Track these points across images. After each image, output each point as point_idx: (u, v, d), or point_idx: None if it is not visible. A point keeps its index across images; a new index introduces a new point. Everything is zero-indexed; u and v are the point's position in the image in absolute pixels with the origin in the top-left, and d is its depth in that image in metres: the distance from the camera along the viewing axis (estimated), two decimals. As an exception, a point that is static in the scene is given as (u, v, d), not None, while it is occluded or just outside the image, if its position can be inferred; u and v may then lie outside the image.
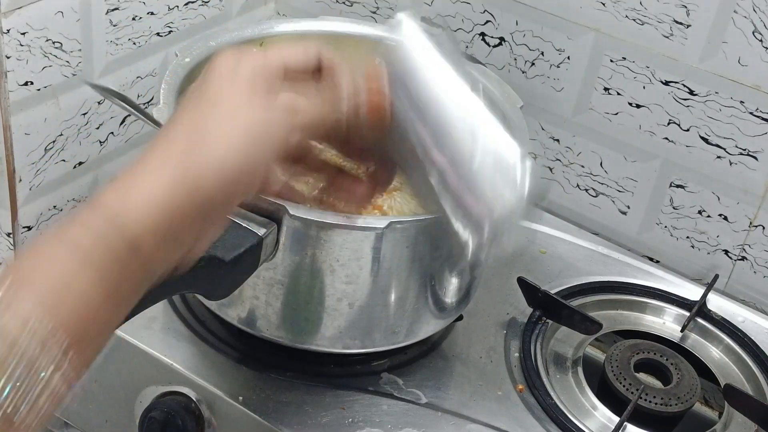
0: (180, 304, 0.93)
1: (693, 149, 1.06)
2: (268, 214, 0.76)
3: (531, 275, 1.00)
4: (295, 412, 0.84)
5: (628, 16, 1.04)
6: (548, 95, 1.12)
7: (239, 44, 0.95)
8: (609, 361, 0.95)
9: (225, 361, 0.88)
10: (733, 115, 1.02)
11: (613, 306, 1.03)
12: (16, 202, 0.99)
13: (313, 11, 1.23)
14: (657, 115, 1.07)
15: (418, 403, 0.87)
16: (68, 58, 0.98)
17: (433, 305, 0.86)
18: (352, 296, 0.81)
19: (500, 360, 0.93)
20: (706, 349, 1.01)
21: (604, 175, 1.13)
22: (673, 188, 1.09)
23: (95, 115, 1.04)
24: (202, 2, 1.12)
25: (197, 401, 0.85)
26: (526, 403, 0.89)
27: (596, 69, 1.08)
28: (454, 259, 0.84)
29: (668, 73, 1.04)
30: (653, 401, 0.91)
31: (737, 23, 0.98)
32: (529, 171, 0.64)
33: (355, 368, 0.90)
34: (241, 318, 0.84)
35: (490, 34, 1.13)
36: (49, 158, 1.01)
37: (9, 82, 0.92)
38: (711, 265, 1.11)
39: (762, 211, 1.05)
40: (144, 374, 0.88)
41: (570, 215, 1.17)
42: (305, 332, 0.84)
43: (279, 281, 0.80)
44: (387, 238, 0.79)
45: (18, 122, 0.95)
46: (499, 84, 0.96)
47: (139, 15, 1.04)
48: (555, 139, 1.15)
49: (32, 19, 0.92)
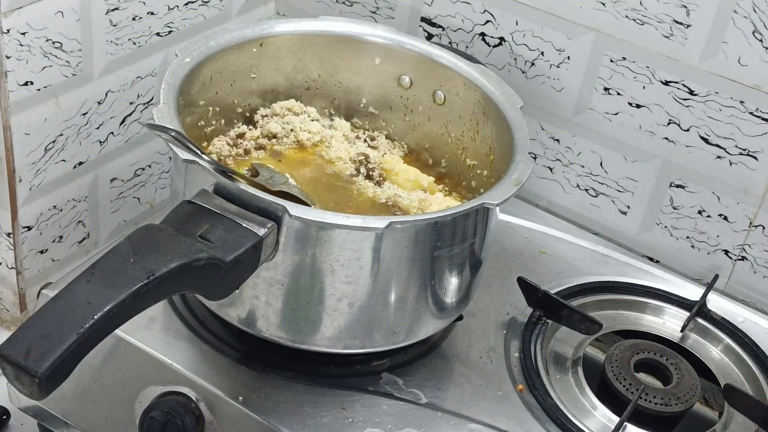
0: (180, 304, 0.93)
1: (693, 149, 1.06)
2: (268, 214, 0.76)
3: (531, 275, 1.00)
4: (295, 412, 0.84)
5: (628, 16, 1.04)
6: (548, 95, 1.12)
7: (239, 44, 0.95)
8: (609, 361, 0.95)
9: (225, 361, 0.88)
10: (733, 115, 1.02)
11: (613, 306, 1.03)
12: (16, 202, 1.00)
13: (313, 11, 1.23)
14: (657, 115, 1.07)
15: (418, 403, 0.87)
16: (68, 58, 0.98)
17: (433, 305, 0.86)
18: (352, 296, 0.81)
19: (500, 360, 0.93)
20: (706, 349, 1.01)
21: (604, 175, 1.13)
22: (673, 188, 1.09)
23: (95, 115, 1.04)
24: (202, 2, 1.12)
25: (197, 401, 0.85)
26: (526, 403, 0.89)
27: (596, 69, 1.08)
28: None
29: (668, 73, 1.04)
30: (653, 401, 0.91)
31: (737, 23, 0.98)
32: None
33: (355, 368, 0.90)
34: (241, 318, 0.84)
35: (490, 34, 1.13)
36: (49, 158, 1.01)
37: (9, 82, 0.92)
38: (711, 265, 1.11)
39: (762, 211, 1.05)
40: (144, 374, 0.88)
41: (570, 215, 1.17)
42: (305, 332, 0.84)
43: (279, 281, 0.80)
44: (387, 238, 0.79)
45: (18, 122, 0.95)
46: (499, 84, 0.96)
47: (139, 15, 1.04)
48: (555, 139, 1.15)
49: (32, 19, 0.92)
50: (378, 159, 0.98)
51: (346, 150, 0.98)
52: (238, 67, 0.97)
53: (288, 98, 1.02)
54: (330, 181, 0.94)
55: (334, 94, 1.04)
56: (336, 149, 0.98)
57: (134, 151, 1.12)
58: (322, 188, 0.93)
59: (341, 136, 1.00)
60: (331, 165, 0.96)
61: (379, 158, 0.99)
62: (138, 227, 0.72)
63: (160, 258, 0.69)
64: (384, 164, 0.98)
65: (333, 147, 0.98)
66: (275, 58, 0.99)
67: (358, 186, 0.95)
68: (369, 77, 1.03)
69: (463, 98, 0.99)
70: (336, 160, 0.97)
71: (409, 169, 0.98)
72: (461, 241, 0.83)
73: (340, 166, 0.96)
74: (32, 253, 1.05)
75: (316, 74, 1.03)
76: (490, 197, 0.81)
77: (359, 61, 1.02)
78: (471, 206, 0.81)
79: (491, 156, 0.96)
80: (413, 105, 1.03)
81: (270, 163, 0.93)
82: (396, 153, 1.03)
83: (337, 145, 0.99)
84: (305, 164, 0.96)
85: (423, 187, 0.96)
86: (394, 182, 0.96)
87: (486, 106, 0.96)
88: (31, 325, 0.65)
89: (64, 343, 0.63)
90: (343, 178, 0.95)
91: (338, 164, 0.96)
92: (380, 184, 0.95)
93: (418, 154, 1.04)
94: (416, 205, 0.92)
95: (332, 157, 0.97)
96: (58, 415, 0.93)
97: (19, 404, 0.96)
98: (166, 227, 0.72)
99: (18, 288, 1.05)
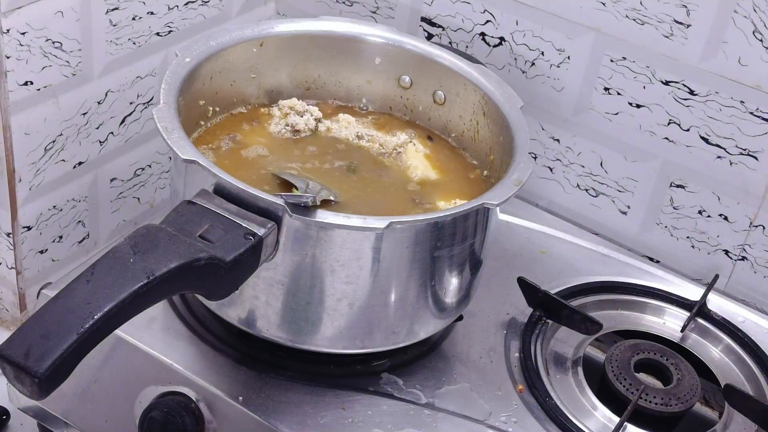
0: (180, 304, 0.93)
1: (693, 149, 1.06)
2: (268, 214, 0.76)
3: (531, 275, 1.00)
4: (295, 412, 0.84)
5: (628, 16, 1.04)
6: (548, 95, 1.12)
7: (239, 44, 0.95)
8: (609, 361, 0.95)
9: (225, 361, 0.88)
10: (733, 115, 1.02)
11: (613, 306, 1.03)
12: (16, 202, 1.00)
13: (313, 11, 1.23)
14: (657, 115, 1.07)
15: (418, 403, 0.87)
16: (68, 58, 0.98)
17: (433, 305, 0.86)
18: (352, 296, 0.81)
19: (500, 360, 0.93)
20: (707, 349, 1.01)
21: (604, 175, 1.13)
22: (673, 188, 1.09)
23: (95, 115, 1.04)
24: (202, 2, 1.12)
25: (197, 401, 0.85)
26: (526, 403, 0.89)
27: (596, 69, 1.08)
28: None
29: (668, 73, 1.04)
30: (653, 401, 0.91)
31: (737, 23, 0.98)
32: None
33: (355, 368, 0.90)
34: (241, 318, 0.84)
35: (490, 34, 1.13)
36: (49, 158, 1.01)
37: (9, 82, 0.92)
38: (711, 265, 1.11)
39: (762, 211, 1.05)
40: (144, 374, 0.88)
41: (570, 215, 1.17)
42: (305, 332, 0.84)
43: (279, 281, 0.80)
44: (387, 238, 0.79)
45: (18, 122, 0.95)
46: (499, 84, 0.96)
47: (139, 15, 1.04)
48: (555, 139, 1.15)
49: (32, 19, 0.92)
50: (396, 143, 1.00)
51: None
52: (238, 67, 0.97)
53: (289, 98, 1.01)
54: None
55: (334, 94, 1.04)
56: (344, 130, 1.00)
57: (134, 151, 1.12)
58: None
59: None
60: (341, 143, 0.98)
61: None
62: (138, 227, 0.72)
63: (160, 258, 0.69)
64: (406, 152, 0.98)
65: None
66: (275, 58, 0.99)
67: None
68: (369, 77, 1.03)
69: (463, 98, 0.99)
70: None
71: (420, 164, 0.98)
72: (461, 241, 0.83)
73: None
74: (32, 253, 1.05)
75: (316, 74, 1.03)
76: (490, 197, 0.81)
77: (359, 61, 1.02)
78: (471, 206, 0.81)
79: (491, 156, 0.96)
80: (413, 105, 1.03)
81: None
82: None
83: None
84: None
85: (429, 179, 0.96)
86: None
87: (486, 106, 0.96)
88: (31, 325, 0.65)
89: (64, 343, 0.63)
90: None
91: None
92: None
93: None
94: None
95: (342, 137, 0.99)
96: (58, 415, 0.93)
97: (19, 404, 0.96)
98: (166, 227, 0.72)
99: (18, 288, 1.05)
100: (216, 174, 0.77)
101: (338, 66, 1.03)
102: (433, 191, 0.94)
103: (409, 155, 0.98)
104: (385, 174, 0.95)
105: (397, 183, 0.94)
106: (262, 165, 0.92)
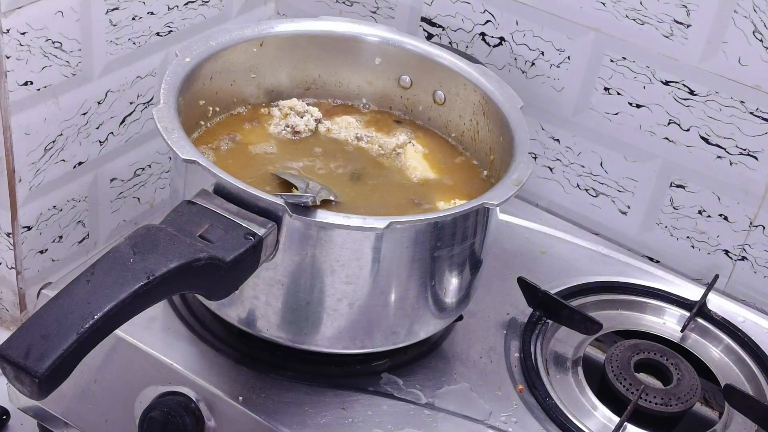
0: (180, 304, 0.93)
1: (693, 149, 1.06)
2: (268, 214, 0.76)
3: (531, 275, 1.00)
4: (295, 412, 0.84)
5: (628, 16, 1.04)
6: (548, 95, 1.12)
7: (239, 44, 0.95)
8: (609, 361, 0.95)
9: (225, 361, 0.88)
10: (733, 115, 1.02)
11: (613, 306, 1.03)
12: (16, 202, 0.99)
13: (313, 11, 1.23)
14: (657, 115, 1.07)
15: (418, 403, 0.87)
16: (68, 58, 0.98)
17: (433, 305, 0.86)
18: (352, 296, 0.81)
19: (500, 360, 0.93)
20: (707, 349, 1.01)
21: (604, 175, 1.13)
22: (673, 188, 1.09)
23: (95, 115, 1.04)
24: (202, 2, 1.12)
25: (197, 401, 0.85)
26: (526, 403, 0.89)
27: (596, 69, 1.08)
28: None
29: (668, 73, 1.04)
30: (653, 401, 0.91)
31: (737, 23, 0.98)
32: None
33: (355, 368, 0.90)
34: (241, 318, 0.84)
35: (490, 34, 1.13)
36: (49, 158, 1.01)
37: (9, 82, 0.92)
38: (711, 265, 1.11)
39: (762, 211, 1.05)
40: (144, 374, 0.87)
41: (570, 215, 1.17)
42: (305, 332, 0.84)
43: (279, 281, 0.80)
44: (387, 238, 0.79)
45: (18, 122, 0.95)
46: (499, 84, 0.96)
47: (139, 15, 1.04)
48: (555, 139, 1.15)
49: (32, 19, 0.92)
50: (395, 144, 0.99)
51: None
52: (238, 67, 0.97)
53: (289, 98, 1.02)
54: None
55: (334, 94, 1.04)
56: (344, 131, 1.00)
57: (134, 151, 1.12)
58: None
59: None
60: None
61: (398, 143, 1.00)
62: (138, 227, 0.72)
63: (160, 258, 0.69)
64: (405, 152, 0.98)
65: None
66: (275, 58, 0.99)
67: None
68: (369, 77, 1.03)
69: (463, 98, 0.99)
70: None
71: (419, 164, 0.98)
72: (461, 242, 0.83)
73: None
74: (32, 253, 1.05)
75: (316, 74, 1.03)
76: (490, 197, 0.81)
77: (359, 61, 1.02)
78: (471, 206, 0.81)
79: (491, 156, 0.96)
80: (413, 105, 1.03)
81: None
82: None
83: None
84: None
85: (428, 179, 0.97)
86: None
87: (486, 106, 0.96)
88: (31, 325, 0.65)
89: (64, 343, 0.63)
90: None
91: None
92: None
93: (418, 154, 1.04)
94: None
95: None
96: (58, 415, 0.93)
97: (19, 404, 0.96)
98: (166, 227, 0.72)
99: (18, 288, 1.05)
100: (216, 174, 0.77)
101: (338, 66, 1.03)
102: (433, 191, 0.94)
103: (409, 156, 0.98)
104: (384, 175, 0.95)
105: (397, 183, 0.94)
106: (263, 165, 0.92)
